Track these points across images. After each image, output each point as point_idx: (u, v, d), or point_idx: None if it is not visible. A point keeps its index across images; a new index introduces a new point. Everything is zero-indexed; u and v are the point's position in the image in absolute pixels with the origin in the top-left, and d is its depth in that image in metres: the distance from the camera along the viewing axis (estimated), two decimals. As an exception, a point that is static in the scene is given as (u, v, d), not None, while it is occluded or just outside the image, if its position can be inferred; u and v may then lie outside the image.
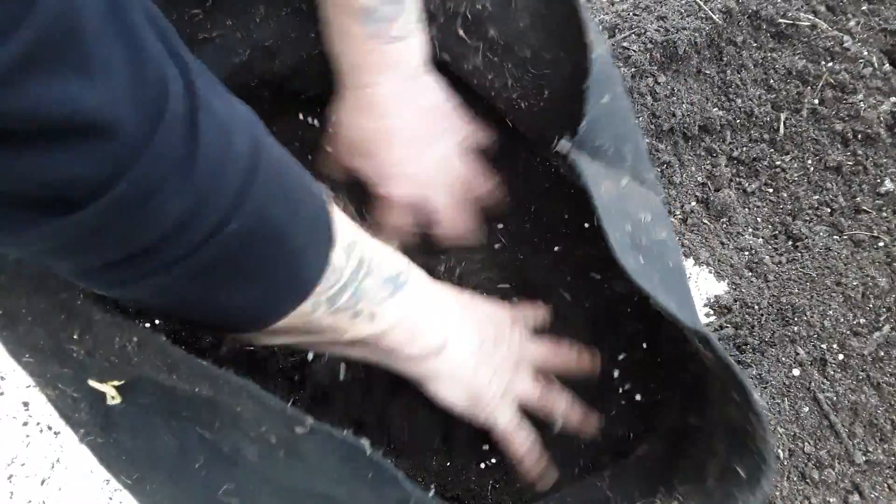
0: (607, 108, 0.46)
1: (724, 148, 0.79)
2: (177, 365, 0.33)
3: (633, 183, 0.47)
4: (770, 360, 0.66)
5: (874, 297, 0.69)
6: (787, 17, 0.82)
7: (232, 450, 0.36)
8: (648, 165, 0.49)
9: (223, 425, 0.35)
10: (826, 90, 0.80)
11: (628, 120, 0.47)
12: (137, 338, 0.33)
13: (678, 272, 0.45)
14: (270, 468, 0.36)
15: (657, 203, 0.48)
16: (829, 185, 0.77)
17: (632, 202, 0.45)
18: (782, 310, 0.69)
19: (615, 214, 0.43)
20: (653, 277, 0.42)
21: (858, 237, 0.73)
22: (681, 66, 0.79)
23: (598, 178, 0.45)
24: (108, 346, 0.33)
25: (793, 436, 0.63)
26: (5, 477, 0.61)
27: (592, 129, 0.45)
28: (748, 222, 0.76)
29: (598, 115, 0.45)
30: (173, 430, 0.36)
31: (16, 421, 0.63)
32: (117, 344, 0.33)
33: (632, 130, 0.47)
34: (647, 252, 0.43)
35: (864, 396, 0.65)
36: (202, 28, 0.55)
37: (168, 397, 0.35)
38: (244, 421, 0.34)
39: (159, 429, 0.36)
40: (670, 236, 0.46)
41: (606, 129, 0.46)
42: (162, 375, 0.34)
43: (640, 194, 0.47)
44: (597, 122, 0.45)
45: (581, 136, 0.45)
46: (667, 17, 0.80)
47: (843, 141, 0.78)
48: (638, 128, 0.48)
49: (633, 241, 0.43)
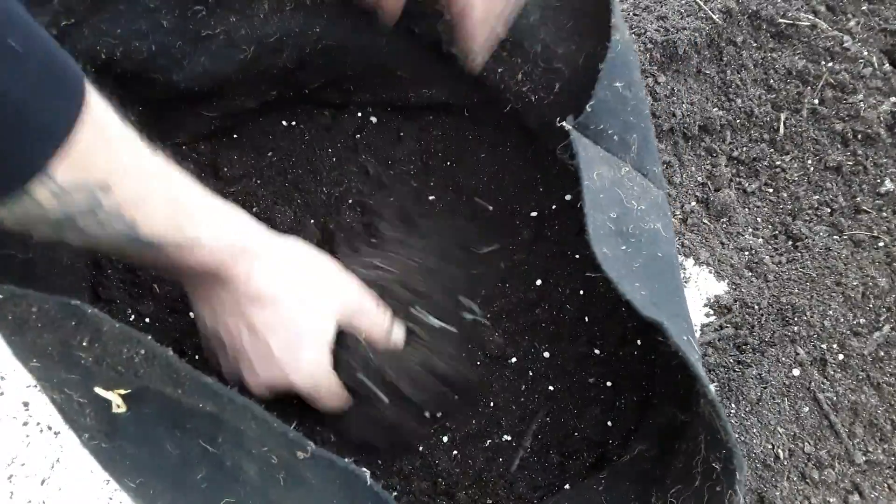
0: (619, 94, 0.45)
1: (724, 148, 0.79)
2: (182, 380, 0.33)
3: (635, 173, 0.47)
4: (770, 360, 0.66)
5: (874, 297, 0.69)
6: (787, 17, 0.82)
7: (234, 465, 0.36)
8: (655, 159, 0.48)
9: (226, 441, 0.35)
10: (826, 90, 0.80)
11: (640, 110, 0.47)
12: (145, 350, 0.33)
13: (667, 263, 0.44)
14: (271, 487, 0.36)
15: (657, 195, 0.47)
16: (829, 185, 0.77)
17: (627, 190, 0.45)
18: (782, 310, 0.69)
19: (604, 199, 0.43)
20: (632, 264, 0.42)
21: (858, 237, 0.73)
22: (681, 66, 0.79)
23: (594, 161, 0.44)
24: (115, 356, 0.33)
25: (793, 436, 0.63)
26: (5, 477, 0.61)
27: (599, 111, 0.45)
28: (748, 222, 0.76)
29: (608, 99, 0.45)
30: (177, 441, 0.36)
31: (16, 421, 0.63)
32: (125, 354, 0.33)
33: (642, 121, 0.47)
34: (632, 239, 0.43)
35: (864, 396, 0.65)
36: (205, 25, 0.56)
37: (173, 408, 0.35)
38: (247, 439, 0.35)
39: (163, 439, 0.36)
40: (666, 228, 0.46)
41: (614, 114, 0.46)
42: (168, 389, 0.34)
43: (640, 184, 0.46)
44: (605, 106, 0.45)
45: (586, 117, 0.45)
46: (667, 17, 0.80)
47: (843, 141, 0.78)
48: (650, 120, 0.47)
49: (618, 228, 0.43)
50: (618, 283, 0.39)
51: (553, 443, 0.60)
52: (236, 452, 0.35)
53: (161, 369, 0.33)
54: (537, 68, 0.54)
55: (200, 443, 0.36)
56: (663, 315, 0.39)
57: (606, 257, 0.40)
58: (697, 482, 0.40)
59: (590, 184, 0.43)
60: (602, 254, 0.40)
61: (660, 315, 0.39)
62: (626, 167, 0.46)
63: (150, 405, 0.35)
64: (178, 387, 0.34)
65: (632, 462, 0.52)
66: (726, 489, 0.38)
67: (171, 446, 0.36)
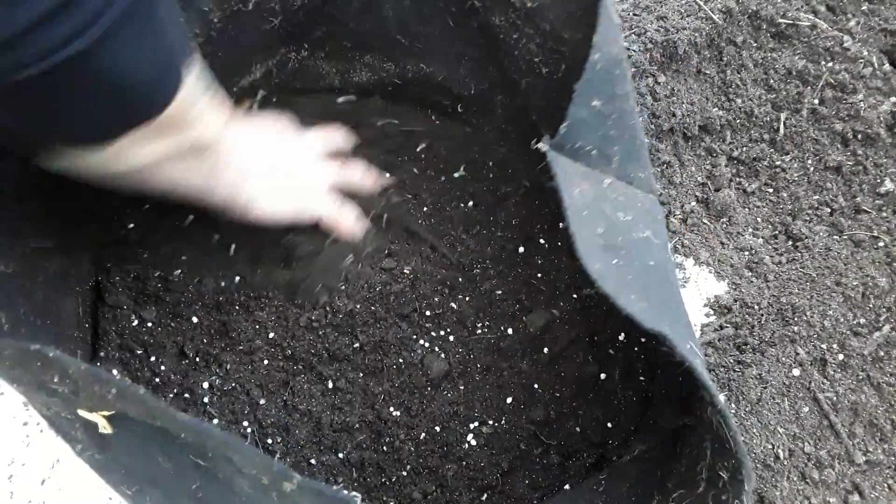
0: (597, 112, 0.45)
1: (724, 148, 0.79)
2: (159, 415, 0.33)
3: (619, 183, 0.47)
4: (770, 360, 0.66)
5: (874, 297, 0.69)
6: (787, 17, 0.82)
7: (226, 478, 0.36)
8: (642, 164, 0.48)
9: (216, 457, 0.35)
10: (826, 90, 0.80)
11: (624, 122, 0.47)
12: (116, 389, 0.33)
13: (661, 270, 0.44)
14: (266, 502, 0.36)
15: (645, 201, 0.47)
16: (829, 185, 0.77)
17: (610, 203, 0.45)
18: (782, 310, 0.68)
19: (588, 216, 0.43)
20: (625, 277, 0.42)
21: (858, 237, 0.73)
22: (681, 66, 0.79)
23: (574, 178, 0.44)
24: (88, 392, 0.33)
25: (793, 436, 0.63)
26: (5, 477, 0.61)
27: (575, 131, 0.45)
28: (748, 222, 0.76)
29: (585, 117, 0.45)
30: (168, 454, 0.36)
31: (16, 421, 0.63)
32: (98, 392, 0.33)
33: (626, 132, 0.47)
34: (622, 252, 0.43)
35: (864, 396, 0.65)
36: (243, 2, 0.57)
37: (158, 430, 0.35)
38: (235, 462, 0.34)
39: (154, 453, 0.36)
40: (657, 234, 0.46)
41: (592, 131, 0.46)
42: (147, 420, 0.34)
43: (624, 194, 0.46)
44: (581, 125, 0.45)
45: (561, 137, 0.45)
46: (667, 17, 0.80)
47: (843, 141, 0.78)
48: (639, 127, 0.47)
49: (607, 242, 0.43)
50: (615, 299, 0.39)
51: (553, 443, 0.60)
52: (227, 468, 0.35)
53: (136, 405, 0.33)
54: (547, 44, 0.54)
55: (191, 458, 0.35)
56: (664, 324, 0.39)
57: (601, 273, 0.40)
58: (701, 488, 0.40)
59: (571, 202, 0.43)
60: (595, 270, 0.40)
61: (661, 325, 0.39)
62: (608, 179, 0.46)
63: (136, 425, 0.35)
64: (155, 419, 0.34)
65: (632, 463, 0.52)
66: (732, 499, 0.37)
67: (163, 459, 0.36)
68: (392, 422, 0.60)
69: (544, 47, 0.55)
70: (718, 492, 0.39)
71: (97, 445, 0.37)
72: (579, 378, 0.63)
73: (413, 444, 0.60)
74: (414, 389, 0.62)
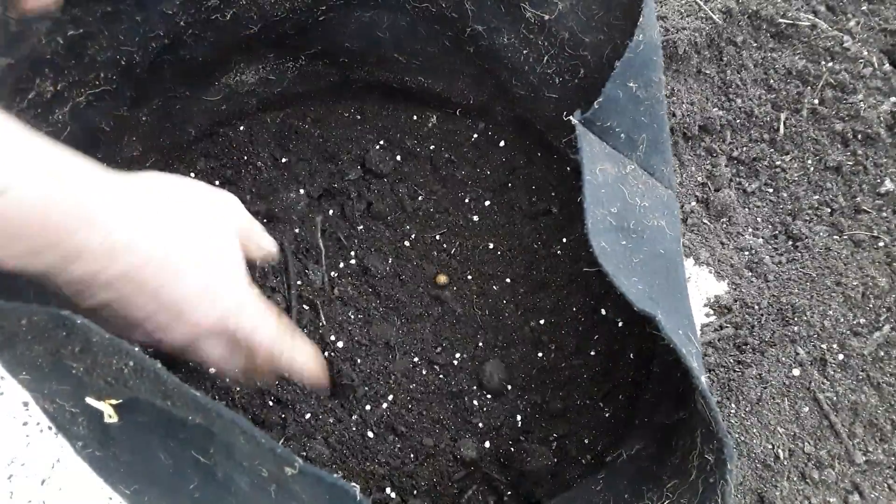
0: (632, 94, 0.45)
1: (724, 148, 0.79)
2: (171, 393, 0.33)
3: (641, 171, 0.47)
4: (770, 360, 0.66)
5: (874, 297, 0.69)
6: (787, 17, 0.82)
7: (225, 477, 0.36)
8: (665, 160, 0.48)
9: (217, 451, 0.35)
10: (826, 90, 0.80)
11: (655, 111, 0.47)
12: (133, 362, 0.33)
13: (670, 260, 0.44)
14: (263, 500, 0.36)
15: (664, 194, 0.47)
16: (829, 185, 0.77)
17: (630, 187, 0.45)
18: (782, 310, 0.68)
19: (606, 194, 0.43)
20: (631, 260, 0.42)
21: (858, 237, 0.73)
22: (681, 66, 0.79)
23: (598, 156, 0.45)
24: (105, 366, 0.33)
25: (793, 436, 0.63)
26: (5, 477, 0.61)
27: (608, 109, 0.45)
28: (748, 222, 0.76)
29: (619, 97, 0.45)
30: (169, 450, 0.36)
31: (16, 421, 0.63)
32: (115, 365, 0.33)
33: (655, 121, 0.47)
34: (633, 235, 0.43)
35: (864, 396, 0.65)
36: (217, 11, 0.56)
37: (165, 419, 0.35)
38: (237, 450, 0.35)
39: (156, 448, 0.36)
40: (671, 226, 0.46)
41: (624, 113, 0.46)
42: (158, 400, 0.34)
43: (645, 182, 0.47)
44: (615, 104, 0.45)
45: (593, 113, 0.45)
46: (667, 17, 0.80)
47: (843, 141, 0.78)
48: (666, 122, 0.47)
49: (619, 223, 0.43)
50: (613, 277, 0.40)
51: (553, 442, 0.60)
52: (227, 464, 0.35)
53: (149, 381, 0.33)
54: (563, 53, 0.54)
55: (193, 453, 0.36)
56: (659, 309, 0.39)
57: (604, 251, 0.40)
58: (693, 476, 0.41)
59: (592, 178, 0.43)
60: (600, 248, 0.40)
61: (654, 309, 0.39)
62: (631, 165, 0.47)
63: (141, 415, 0.35)
64: (166, 398, 0.34)
65: (630, 460, 0.52)
66: (718, 479, 0.38)
67: (164, 456, 0.36)
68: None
69: (560, 57, 0.55)
70: (707, 475, 0.39)
71: (99, 441, 0.37)
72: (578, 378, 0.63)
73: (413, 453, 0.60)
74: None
